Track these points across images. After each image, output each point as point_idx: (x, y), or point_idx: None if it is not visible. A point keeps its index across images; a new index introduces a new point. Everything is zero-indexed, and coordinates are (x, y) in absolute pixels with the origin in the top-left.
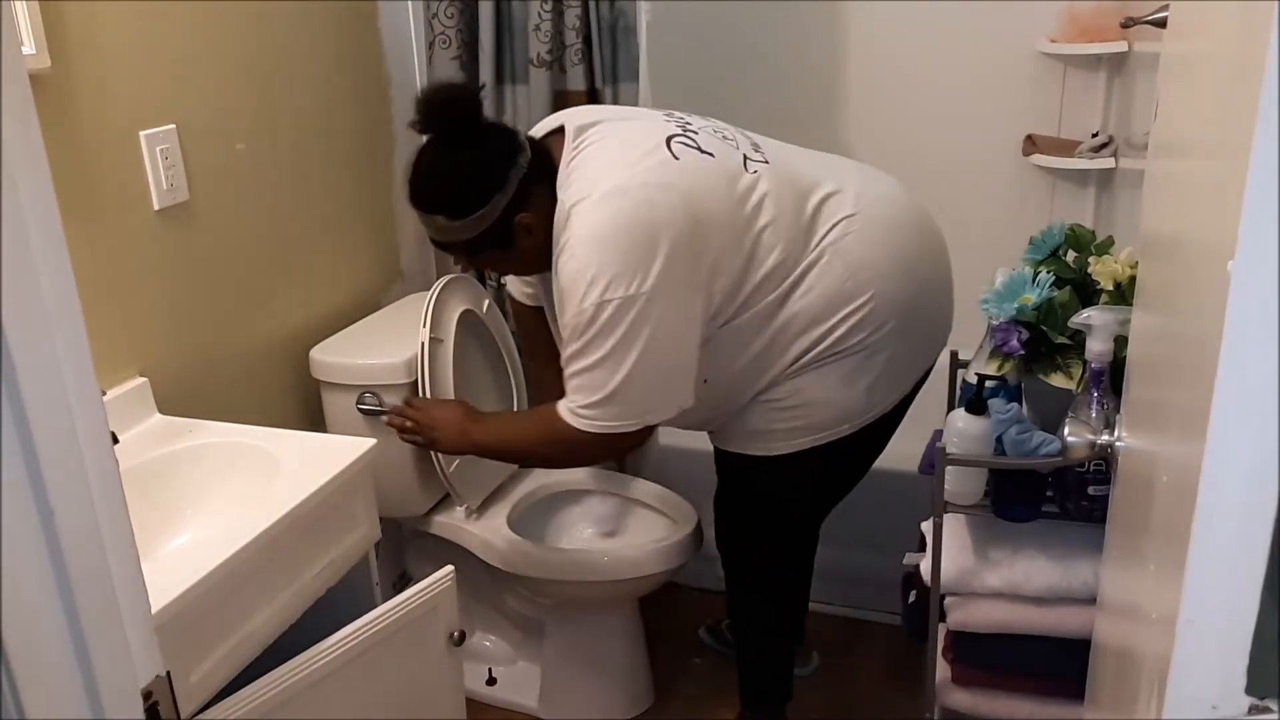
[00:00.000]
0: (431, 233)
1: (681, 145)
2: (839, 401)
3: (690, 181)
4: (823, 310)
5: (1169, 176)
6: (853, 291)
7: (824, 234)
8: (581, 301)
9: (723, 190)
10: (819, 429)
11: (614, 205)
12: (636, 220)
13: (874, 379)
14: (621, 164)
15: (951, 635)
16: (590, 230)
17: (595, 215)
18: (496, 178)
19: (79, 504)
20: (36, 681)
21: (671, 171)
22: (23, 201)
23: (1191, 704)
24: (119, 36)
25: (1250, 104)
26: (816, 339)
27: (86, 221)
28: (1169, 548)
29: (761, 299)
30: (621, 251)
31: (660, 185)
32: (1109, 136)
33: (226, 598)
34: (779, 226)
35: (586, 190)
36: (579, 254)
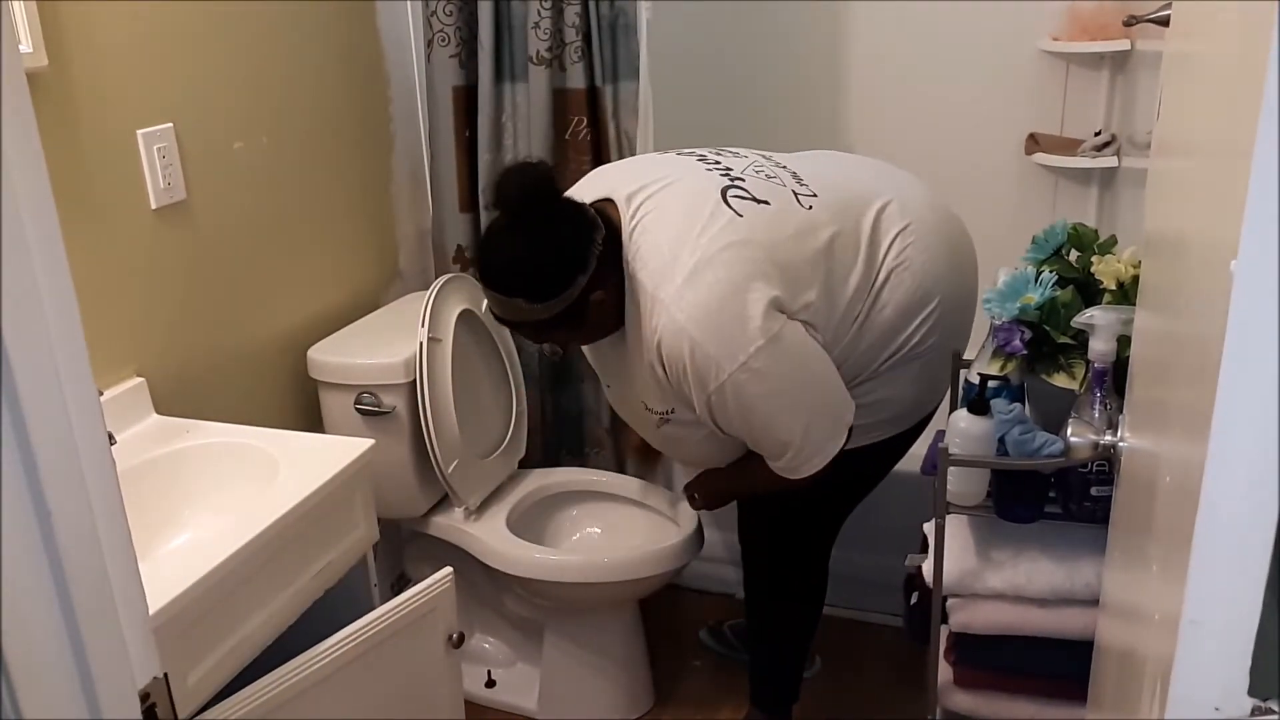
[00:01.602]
0: (506, 314)
1: (737, 199)
2: (910, 397)
3: (761, 235)
4: (899, 320)
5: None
6: (924, 299)
7: (886, 249)
8: (717, 381)
9: (789, 234)
10: (890, 424)
11: (706, 279)
12: (733, 283)
13: (935, 372)
14: (691, 235)
15: (953, 637)
16: (691, 314)
17: (691, 297)
18: (580, 260)
19: (76, 505)
20: (34, 683)
21: (741, 229)
22: (20, 201)
23: (1194, 705)
24: (117, 36)
25: (1253, 103)
26: (895, 349)
27: (84, 221)
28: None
29: (847, 327)
30: (733, 316)
31: (739, 244)
32: (1111, 135)
33: (224, 599)
34: (847, 256)
35: (665, 271)
36: (693, 336)
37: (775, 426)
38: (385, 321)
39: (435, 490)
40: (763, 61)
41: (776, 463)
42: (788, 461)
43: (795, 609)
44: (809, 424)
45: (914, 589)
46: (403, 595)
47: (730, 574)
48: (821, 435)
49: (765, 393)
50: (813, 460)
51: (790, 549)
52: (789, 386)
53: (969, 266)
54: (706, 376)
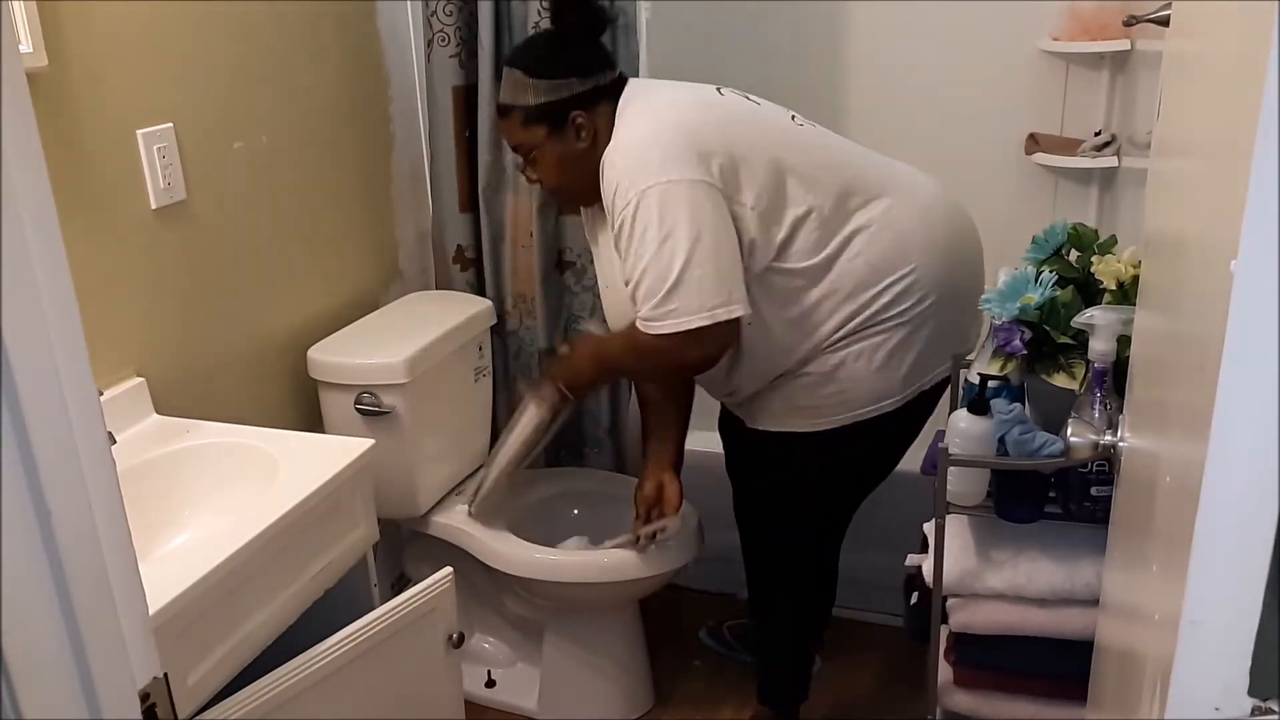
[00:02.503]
0: (504, 90)
1: (730, 91)
2: (880, 376)
3: (729, 112)
4: (869, 276)
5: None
6: (897, 261)
7: (868, 201)
8: (624, 200)
9: (760, 127)
10: (861, 404)
11: (652, 116)
12: (678, 122)
13: (915, 355)
14: (665, 94)
15: (953, 637)
16: (628, 136)
17: (635, 125)
18: (584, 68)
19: (76, 505)
20: (34, 683)
21: (712, 99)
22: (20, 201)
23: (1194, 705)
24: (116, 35)
25: (1252, 103)
26: (861, 306)
27: (83, 220)
28: (1171, 549)
29: (801, 247)
30: (659, 147)
31: (698, 104)
32: (1112, 135)
33: (224, 599)
34: (815, 178)
35: (633, 113)
36: (618, 159)
37: (656, 262)
38: (385, 321)
39: (435, 490)
40: (763, 61)
41: (643, 308)
42: (652, 308)
43: (802, 604)
44: (685, 274)
45: (914, 589)
46: (403, 595)
47: (730, 574)
48: (695, 293)
49: (655, 228)
50: (676, 315)
51: (793, 544)
52: (680, 227)
53: (969, 257)
54: (618, 198)
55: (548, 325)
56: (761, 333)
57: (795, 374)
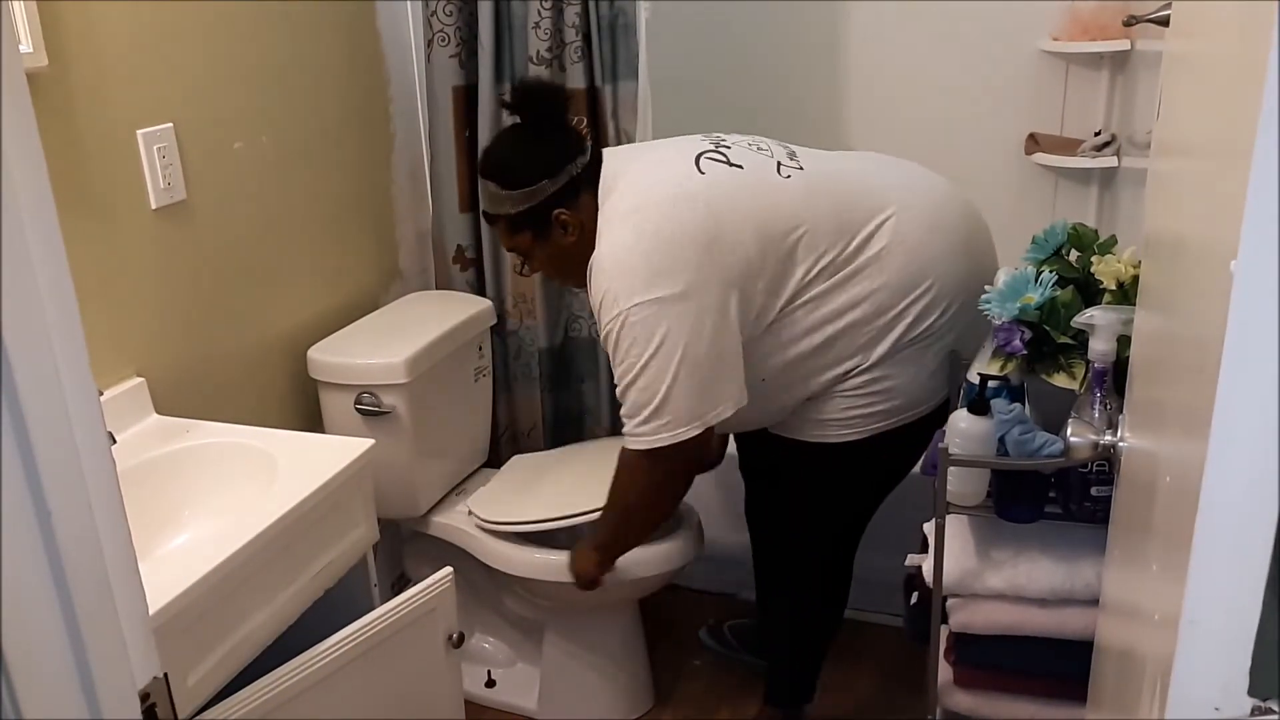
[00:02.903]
0: (484, 200)
1: (710, 161)
2: (917, 385)
3: (714, 191)
4: (889, 299)
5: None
6: (917, 277)
7: (875, 227)
8: (610, 314)
9: (750, 195)
10: (897, 412)
11: (634, 221)
12: (659, 230)
13: (942, 361)
14: (646, 182)
15: (953, 637)
16: (610, 246)
17: (617, 232)
18: (551, 166)
19: (76, 505)
20: (34, 683)
21: (696, 183)
22: (20, 201)
23: (1194, 705)
24: (117, 35)
25: (1252, 103)
26: (884, 328)
27: (84, 221)
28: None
29: (813, 291)
30: (645, 256)
31: (681, 196)
32: (1111, 135)
33: (224, 599)
34: (817, 227)
35: (613, 210)
36: (604, 268)
37: (645, 377)
38: (385, 321)
39: (435, 490)
40: (763, 61)
41: (630, 423)
42: (640, 423)
43: (811, 606)
44: (674, 389)
45: (914, 589)
46: (403, 595)
47: (730, 574)
48: (684, 403)
49: (648, 348)
50: (658, 432)
51: (804, 546)
52: (673, 343)
53: (981, 255)
54: (604, 312)
55: (548, 325)
56: (769, 386)
57: (827, 391)
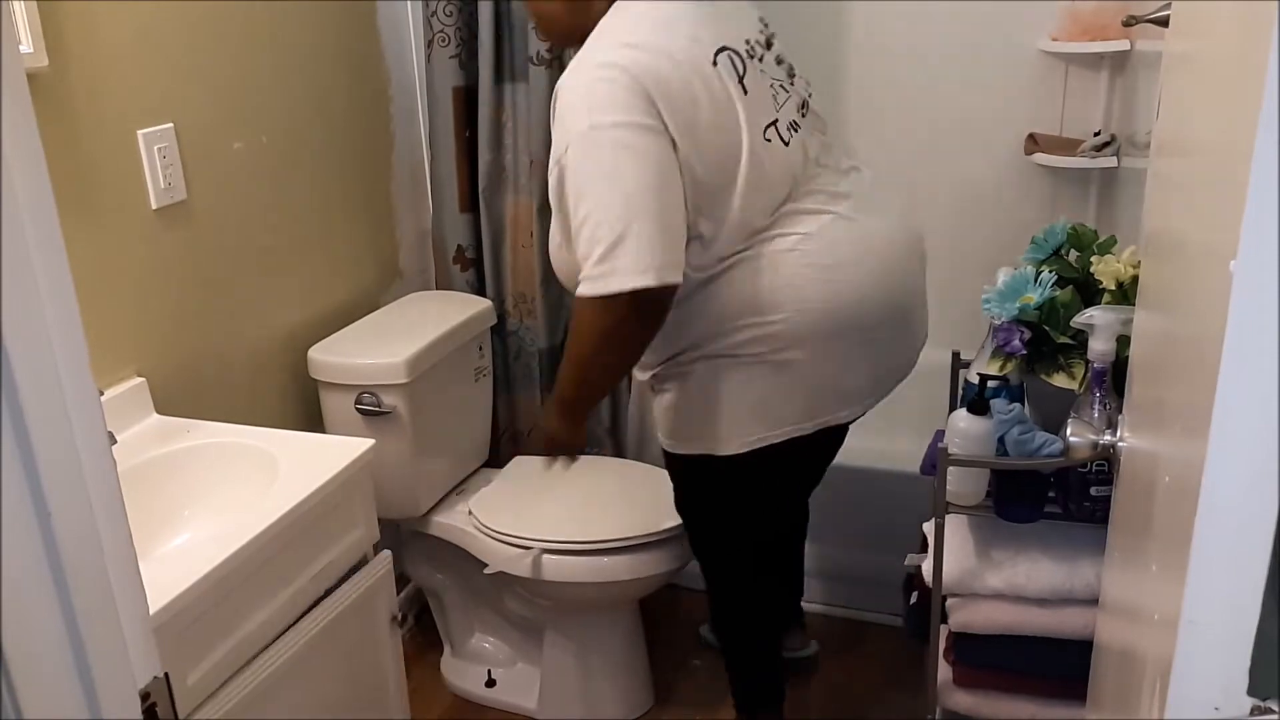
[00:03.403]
0: None
1: (728, 63)
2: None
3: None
4: (739, 309)
5: (1171, 176)
6: (765, 307)
7: (777, 234)
8: (572, 129)
9: (722, 117)
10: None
11: (616, 43)
12: (634, 63)
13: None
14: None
15: (953, 636)
16: (582, 63)
17: (597, 42)
18: None
19: (77, 505)
20: (34, 683)
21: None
22: (20, 201)
23: (1193, 705)
24: (117, 35)
25: (1252, 103)
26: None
27: (84, 221)
28: (1171, 548)
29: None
30: (622, 88)
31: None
32: (1111, 135)
33: (225, 599)
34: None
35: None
36: (566, 83)
37: (599, 209)
38: (385, 321)
39: (435, 490)
40: None
41: (587, 265)
42: (596, 263)
43: (751, 614)
44: (631, 223)
45: (914, 589)
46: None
47: None
48: (640, 244)
49: (598, 168)
50: (618, 275)
51: (727, 559)
52: (625, 176)
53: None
54: (563, 128)
55: (548, 325)
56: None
57: (658, 384)
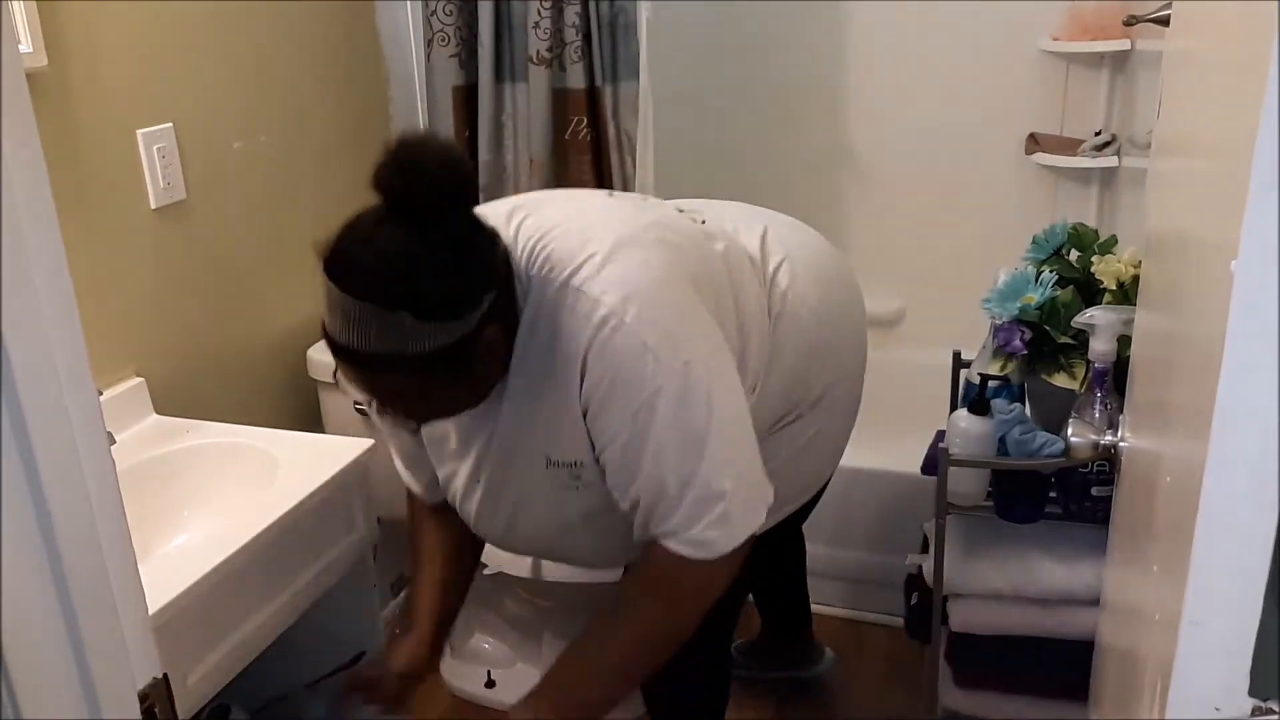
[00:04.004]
0: (373, 342)
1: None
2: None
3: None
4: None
5: (1172, 175)
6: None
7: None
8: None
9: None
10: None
11: (633, 259)
12: (666, 268)
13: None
14: (600, 217)
15: (953, 637)
16: (622, 295)
17: (616, 274)
18: (492, 271)
19: (76, 505)
20: (34, 683)
21: (681, 225)
22: (19, 200)
23: (1194, 705)
24: (116, 35)
25: (1253, 103)
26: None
27: (83, 220)
28: (1172, 549)
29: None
30: (673, 304)
31: (660, 228)
32: (1112, 135)
33: (224, 599)
34: (748, 308)
35: (576, 256)
36: (627, 324)
37: (714, 462)
38: None
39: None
40: (763, 61)
41: (695, 527)
42: (708, 525)
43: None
44: (741, 470)
45: (914, 589)
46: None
47: None
48: (750, 492)
49: (708, 412)
50: (741, 526)
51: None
52: (729, 415)
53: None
54: (640, 376)
55: None
56: None
57: None
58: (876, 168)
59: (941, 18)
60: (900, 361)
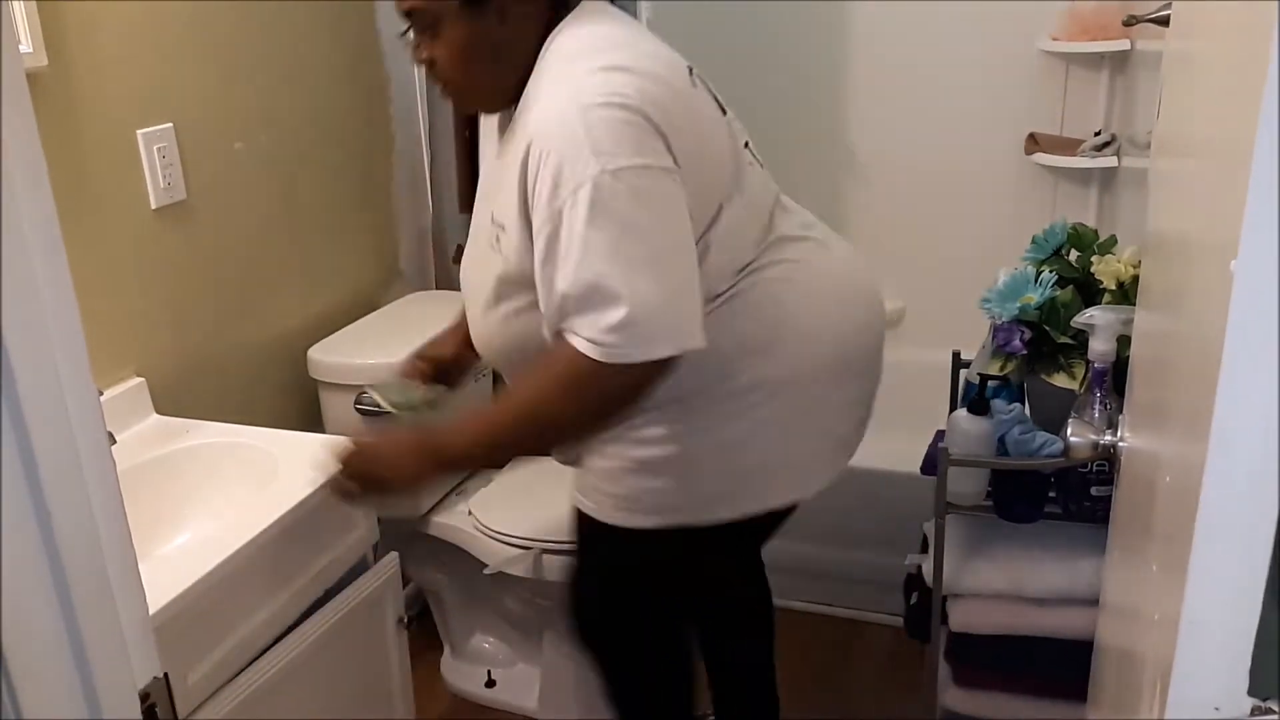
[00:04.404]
0: None
1: (697, 79)
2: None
3: (697, 105)
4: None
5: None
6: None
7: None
8: (570, 177)
9: (717, 144)
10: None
11: (618, 77)
12: (642, 93)
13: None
14: (636, 44)
15: (953, 637)
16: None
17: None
18: None
19: (76, 505)
20: (34, 683)
21: (684, 83)
22: (20, 201)
23: (1194, 705)
24: (117, 35)
25: (1252, 103)
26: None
27: (83, 221)
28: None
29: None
30: (622, 121)
31: (668, 82)
32: (1111, 135)
33: (224, 599)
34: (743, 229)
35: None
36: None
37: (626, 270)
38: (385, 321)
39: (435, 490)
40: (763, 61)
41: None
42: (608, 330)
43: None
44: (656, 289)
45: (914, 589)
46: (353, 584)
47: None
48: (662, 317)
49: (623, 217)
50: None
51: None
52: (655, 229)
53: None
54: (575, 166)
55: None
56: None
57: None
58: (876, 168)
59: (941, 18)
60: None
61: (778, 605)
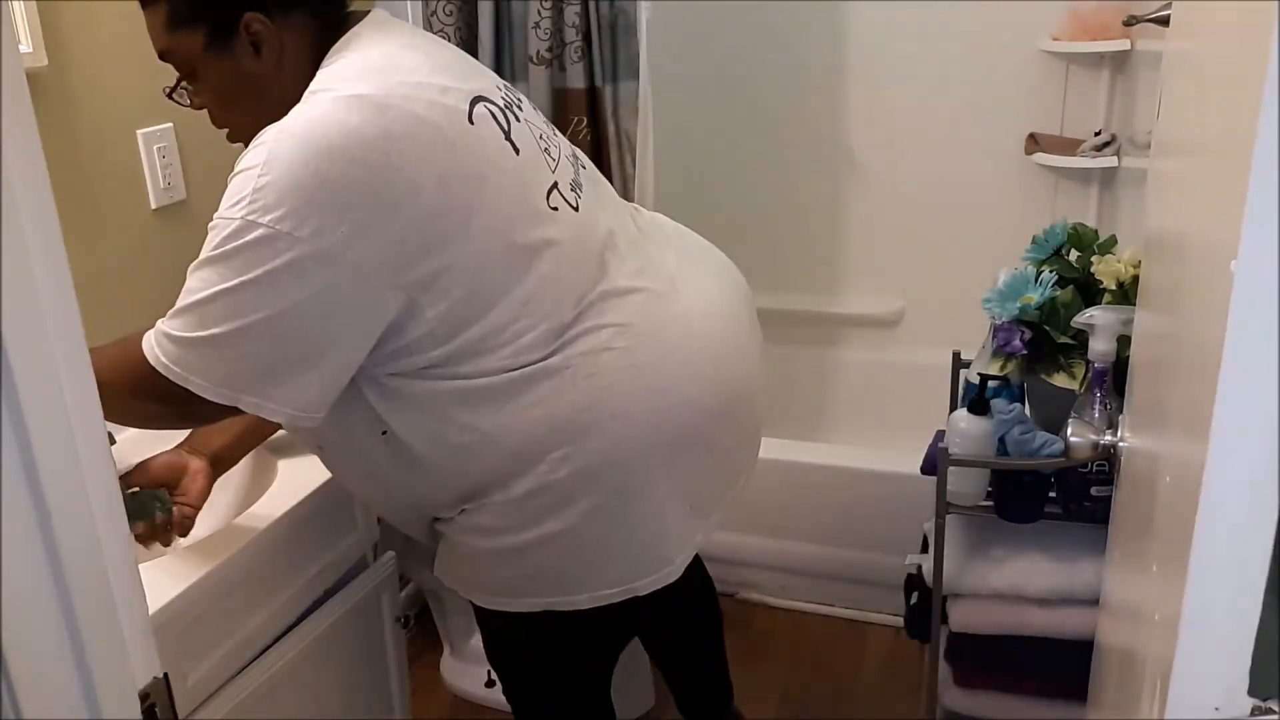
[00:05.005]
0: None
1: (485, 112)
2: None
3: (468, 150)
4: (546, 435)
5: (1172, 176)
6: (588, 425)
7: (584, 331)
8: (239, 202)
9: (498, 191)
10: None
11: (355, 115)
12: (372, 147)
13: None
14: (401, 70)
15: (953, 637)
16: (305, 129)
17: (324, 111)
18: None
19: (76, 505)
20: (34, 683)
21: (455, 122)
22: (20, 200)
23: (1194, 705)
24: (116, 34)
25: (1252, 103)
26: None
27: (84, 220)
28: (1171, 548)
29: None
30: (326, 175)
31: (426, 121)
32: (1112, 135)
33: (224, 599)
34: (547, 293)
35: (341, 77)
36: (281, 144)
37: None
38: None
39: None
40: (763, 61)
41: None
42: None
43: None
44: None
45: (914, 589)
46: (352, 584)
47: (729, 573)
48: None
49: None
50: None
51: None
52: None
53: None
54: (244, 187)
55: None
56: (392, 448)
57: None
58: (876, 167)
59: (941, 17)
60: (900, 361)
61: (778, 605)
